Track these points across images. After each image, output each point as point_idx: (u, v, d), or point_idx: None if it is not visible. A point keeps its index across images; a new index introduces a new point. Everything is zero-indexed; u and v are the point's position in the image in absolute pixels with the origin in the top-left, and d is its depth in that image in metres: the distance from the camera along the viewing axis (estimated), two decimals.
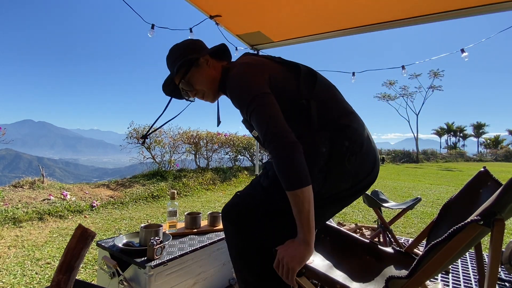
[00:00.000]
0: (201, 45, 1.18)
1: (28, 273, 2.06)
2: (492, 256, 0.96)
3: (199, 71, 1.13)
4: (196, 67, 1.12)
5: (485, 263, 1.31)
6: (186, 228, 1.76)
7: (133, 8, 2.31)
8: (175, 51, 1.16)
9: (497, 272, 0.96)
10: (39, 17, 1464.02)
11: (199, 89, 1.15)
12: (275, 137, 0.86)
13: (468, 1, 1.94)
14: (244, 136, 8.56)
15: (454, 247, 0.92)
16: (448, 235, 0.93)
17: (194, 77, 1.13)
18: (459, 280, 1.78)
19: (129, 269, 1.34)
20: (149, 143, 6.40)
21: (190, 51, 1.14)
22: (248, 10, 2.23)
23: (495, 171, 13.54)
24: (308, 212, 0.84)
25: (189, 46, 1.16)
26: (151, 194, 4.98)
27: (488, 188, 1.26)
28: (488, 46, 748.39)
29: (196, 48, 1.16)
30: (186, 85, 1.14)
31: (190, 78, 1.14)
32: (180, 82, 1.14)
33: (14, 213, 3.31)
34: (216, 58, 1.17)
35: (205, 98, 1.19)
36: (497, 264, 0.95)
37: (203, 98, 1.19)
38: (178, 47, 1.16)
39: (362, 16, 2.27)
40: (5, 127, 4.61)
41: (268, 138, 0.87)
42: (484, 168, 1.32)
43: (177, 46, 1.17)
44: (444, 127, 49.88)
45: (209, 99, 1.19)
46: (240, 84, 0.98)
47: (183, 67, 1.12)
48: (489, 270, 0.95)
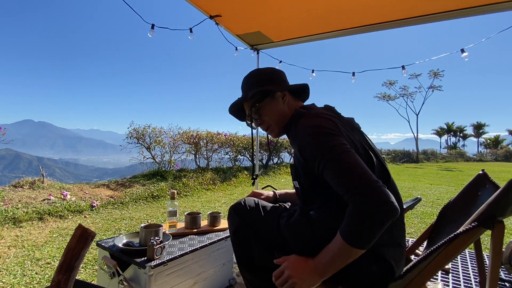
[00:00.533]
0: (283, 79, 1.16)
1: (28, 273, 2.06)
2: (493, 257, 0.97)
3: (272, 103, 1.10)
4: (271, 99, 1.10)
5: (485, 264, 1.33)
6: (186, 228, 1.76)
7: (133, 8, 2.30)
8: (255, 76, 1.15)
9: (498, 273, 0.97)
10: (39, 17, 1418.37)
11: (266, 120, 1.13)
12: (370, 190, 0.75)
13: (468, 1, 1.94)
14: (244, 136, 8.56)
15: (454, 249, 0.93)
16: (449, 239, 0.93)
17: (265, 108, 1.11)
18: (459, 280, 1.78)
19: (129, 269, 1.34)
20: (149, 143, 6.40)
21: (270, 81, 1.13)
22: (248, 10, 2.23)
23: (495, 171, 13.48)
24: (342, 263, 0.82)
25: (272, 76, 1.14)
26: (151, 194, 4.98)
27: (486, 190, 1.27)
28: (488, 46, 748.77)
29: (277, 80, 1.14)
30: (255, 113, 1.12)
31: (261, 108, 1.11)
32: (251, 108, 1.12)
33: (14, 213, 3.31)
34: (293, 95, 1.15)
35: (268, 131, 1.16)
36: (498, 265, 0.96)
37: (266, 130, 1.16)
38: (260, 73, 1.15)
39: (362, 16, 2.27)
40: (5, 127, 4.61)
41: (360, 189, 0.75)
42: (482, 171, 1.34)
43: (260, 71, 1.17)
44: (444, 127, 49.86)
45: (273, 133, 1.16)
46: (317, 131, 0.89)
47: (259, 95, 1.10)
48: (490, 271, 0.96)
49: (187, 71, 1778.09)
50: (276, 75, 1.16)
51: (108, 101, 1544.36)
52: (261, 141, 9.09)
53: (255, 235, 1.09)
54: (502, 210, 0.93)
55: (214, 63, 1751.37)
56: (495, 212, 0.93)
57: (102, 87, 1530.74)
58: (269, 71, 1.16)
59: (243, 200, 1.19)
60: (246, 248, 1.11)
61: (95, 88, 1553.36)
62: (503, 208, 0.93)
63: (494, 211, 0.93)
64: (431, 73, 31.19)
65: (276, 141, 9.72)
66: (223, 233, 1.75)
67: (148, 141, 6.39)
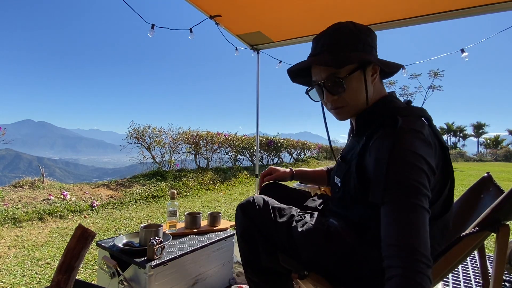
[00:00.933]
0: (375, 46, 0.91)
1: (28, 273, 2.06)
2: (498, 260, 0.96)
3: (361, 79, 0.86)
4: (361, 72, 0.86)
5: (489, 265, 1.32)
6: (186, 228, 1.76)
7: (133, 8, 2.30)
8: (353, 33, 0.87)
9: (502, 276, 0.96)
10: (39, 18, 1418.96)
11: (345, 98, 0.88)
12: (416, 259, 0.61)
13: (468, 1, 1.94)
14: (244, 136, 8.57)
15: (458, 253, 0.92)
16: (452, 242, 0.93)
17: (352, 82, 0.86)
18: (459, 280, 1.78)
19: (129, 269, 1.34)
20: (149, 143, 6.40)
21: (369, 47, 0.88)
22: (248, 10, 2.23)
23: (495, 171, 13.47)
24: None
25: (370, 40, 0.89)
26: (151, 194, 4.97)
27: (490, 193, 1.26)
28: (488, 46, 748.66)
29: (374, 46, 0.90)
30: (339, 85, 0.86)
31: (348, 81, 0.86)
32: (335, 78, 0.85)
33: (14, 213, 3.31)
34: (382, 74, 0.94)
35: (336, 111, 0.92)
36: (502, 268, 0.95)
37: (335, 109, 0.92)
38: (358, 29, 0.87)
39: (362, 16, 2.27)
40: (5, 127, 4.61)
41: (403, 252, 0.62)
42: (487, 174, 1.33)
43: (356, 26, 0.88)
44: (444, 127, 49.88)
45: (341, 116, 0.93)
46: (412, 159, 0.70)
47: (355, 63, 0.85)
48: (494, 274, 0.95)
49: (187, 71, 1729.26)
50: (374, 38, 0.90)
51: (108, 101, 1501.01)
52: (261, 141, 9.09)
53: (263, 237, 1.02)
54: (506, 214, 0.93)
55: (214, 63, 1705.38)
56: (500, 216, 0.92)
57: (102, 87, 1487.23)
58: (367, 29, 0.89)
59: (252, 198, 1.09)
60: (254, 250, 1.05)
61: (95, 88, 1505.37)
62: (507, 213, 0.93)
63: (498, 215, 0.92)
64: (431, 73, 31.17)
65: (276, 141, 9.73)
66: (223, 233, 1.75)
67: (148, 141, 6.39)
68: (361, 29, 0.88)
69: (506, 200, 0.92)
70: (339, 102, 0.90)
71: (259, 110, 3.02)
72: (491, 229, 0.92)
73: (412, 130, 0.75)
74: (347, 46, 0.86)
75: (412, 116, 0.80)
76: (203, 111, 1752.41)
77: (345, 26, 0.88)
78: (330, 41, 0.88)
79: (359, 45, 0.86)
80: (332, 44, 0.87)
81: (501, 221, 0.93)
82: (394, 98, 0.92)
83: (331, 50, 0.87)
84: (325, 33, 0.91)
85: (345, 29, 0.88)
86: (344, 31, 0.87)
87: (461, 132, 49.53)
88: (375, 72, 0.89)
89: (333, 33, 0.89)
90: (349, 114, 0.92)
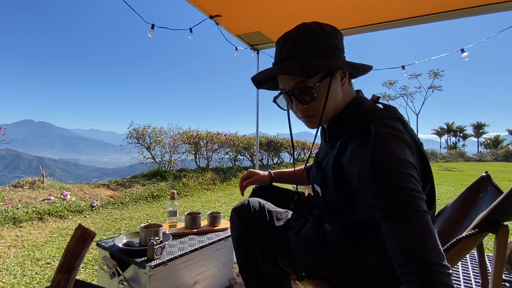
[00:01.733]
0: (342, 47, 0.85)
1: (28, 273, 2.06)
2: (497, 261, 0.95)
3: (333, 85, 0.83)
4: (331, 78, 0.82)
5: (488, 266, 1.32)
6: (186, 228, 1.76)
7: (133, 8, 2.31)
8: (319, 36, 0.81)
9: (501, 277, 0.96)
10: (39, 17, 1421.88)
11: (315, 107, 0.85)
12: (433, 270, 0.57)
13: (468, 1, 1.94)
14: (244, 136, 8.57)
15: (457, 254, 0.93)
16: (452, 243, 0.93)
17: (322, 90, 0.82)
18: (459, 280, 1.78)
19: (129, 269, 1.34)
20: (149, 143, 6.40)
21: (337, 51, 0.82)
22: (248, 10, 2.23)
23: (495, 171, 13.46)
24: None
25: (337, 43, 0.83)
26: (151, 194, 4.98)
27: (488, 193, 1.26)
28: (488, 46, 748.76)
29: (341, 48, 0.84)
30: (308, 95, 0.82)
31: (317, 89, 0.82)
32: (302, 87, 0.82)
33: (14, 213, 3.31)
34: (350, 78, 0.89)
35: (307, 119, 0.89)
36: (501, 269, 0.95)
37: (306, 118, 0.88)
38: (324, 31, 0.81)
39: (362, 16, 2.27)
40: (5, 127, 4.61)
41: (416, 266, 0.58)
42: (486, 173, 1.32)
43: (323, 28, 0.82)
44: (444, 127, 49.89)
45: (312, 125, 0.89)
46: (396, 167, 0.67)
47: (325, 70, 0.80)
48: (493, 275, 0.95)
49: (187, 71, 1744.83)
50: (340, 40, 0.85)
51: (108, 101, 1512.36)
52: (261, 141, 9.09)
53: (259, 241, 1.00)
54: (505, 215, 0.92)
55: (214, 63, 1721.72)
56: (498, 217, 0.92)
57: (102, 87, 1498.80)
58: (333, 29, 0.84)
59: (247, 201, 1.05)
60: (251, 255, 1.02)
61: (95, 88, 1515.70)
62: (506, 213, 0.92)
63: (497, 216, 0.92)
64: (431, 73, 31.23)
65: (276, 141, 9.72)
66: (223, 233, 1.75)
67: (148, 141, 6.39)
68: (328, 31, 0.82)
69: (505, 200, 0.92)
70: (310, 111, 0.86)
71: (259, 110, 3.02)
72: (490, 230, 0.92)
73: (387, 135, 0.72)
74: (315, 51, 0.80)
75: (385, 119, 0.77)
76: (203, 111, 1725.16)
77: (311, 28, 0.82)
78: (297, 46, 0.82)
79: (328, 50, 0.81)
80: (299, 50, 0.81)
81: (501, 222, 0.93)
82: (362, 99, 0.90)
83: (297, 56, 0.81)
84: (289, 37, 0.84)
85: (311, 32, 0.81)
86: (310, 35, 0.81)
87: (461, 132, 49.53)
88: (344, 76, 0.86)
89: (298, 37, 0.82)
90: (321, 122, 0.88)
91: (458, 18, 2.13)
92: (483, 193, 1.28)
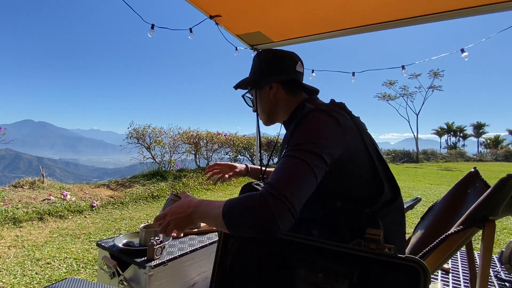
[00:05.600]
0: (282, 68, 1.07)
1: (28, 273, 2.06)
2: (484, 255, 0.98)
3: (260, 94, 1.10)
4: (258, 90, 1.10)
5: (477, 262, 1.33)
6: None
7: (133, 8, 2.31)
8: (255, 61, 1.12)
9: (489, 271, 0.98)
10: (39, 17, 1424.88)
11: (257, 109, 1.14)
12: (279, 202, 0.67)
13: (468, 1, 1.94)
14: (244, 136, 8.57)
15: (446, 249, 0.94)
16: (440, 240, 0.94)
17: (254, 97, 1.13)
18: (459, 280, 1.78)
19: (129, 269, 1.34)
20: (149, 143, 6.40)
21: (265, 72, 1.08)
22: (248, 10, 2.23)
23: (495, 171, 13.42)
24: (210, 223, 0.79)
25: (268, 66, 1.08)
26: (151, 194, 4.98)
27: (476, 188, 1.28)
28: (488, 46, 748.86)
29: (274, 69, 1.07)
30: (247, 102, 1.19)
31: (253, 96, 1.13)
32: (243, 96, 1.18)
33: (14, 213, 3.31)
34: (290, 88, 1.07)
35: (259, 117, 1.16)
36: (488, 264, 0.98)
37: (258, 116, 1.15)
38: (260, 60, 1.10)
39: (362, 16, 2.28)
40: (5, 127, 4.61)
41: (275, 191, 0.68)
42: (474, 169, 1.34)
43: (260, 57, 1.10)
44: (444, 127, 49.88)
45: (262, 121, 1.17)
46: (319, 129, 0.82)
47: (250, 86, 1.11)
48: (480, 269, 0.97)
49: (187, 71, 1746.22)
50: (277, 62, 1.07)
51: (108, 101, 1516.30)
52: (261, 141, 9.09)
53: None
54: (492, 210, 0.94)
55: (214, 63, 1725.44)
56: (485, 212, 0.94)
57: (102, 87, 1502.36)
58: (269, 58, 1.08)
59: None
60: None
61: (95, 88, 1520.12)
62: (493, 208, 0.94)
63: (484, 211, 0.94)
64: (431, 73, 31.21)
65: (276, 141, 9.72)
66: None
67: (148, 141, 6.39)
68: (262, 58, 1.09)
69: (491, 196, 0.94)
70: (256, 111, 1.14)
71: None
72: (477, 225, 0.94)
73: (315, 111, 0.87)
74: (250, 72, 1.13)
75: (321, 105, 0.92)
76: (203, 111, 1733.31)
77: (255, 55, 1.13)
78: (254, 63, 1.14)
79: (257, 71, 1.09)
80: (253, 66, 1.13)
81: (487, 217, 0.94)
82: (307, 101, 1.03)
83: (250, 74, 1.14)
84: None
85: (254, 58, 1.13)
86: (253, 60, 1.13)
87: (461, 132, 49.51)
88: (276, 90, 1.06)
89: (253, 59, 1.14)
90: (266, 123, 1.15)
91: (458, 18, 2.13)
92: (471, 189, 1.30)
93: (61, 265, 2.21)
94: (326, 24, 2.45)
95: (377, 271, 0.69)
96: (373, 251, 0.69)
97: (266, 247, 0.85)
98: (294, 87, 1.08)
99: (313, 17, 2.31)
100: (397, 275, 0.66)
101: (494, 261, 2.05)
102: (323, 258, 0.77)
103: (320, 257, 0.77)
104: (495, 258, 2.09)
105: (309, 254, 0.79)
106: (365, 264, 0.71)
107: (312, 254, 0.79)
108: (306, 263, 0.79)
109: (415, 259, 0.64)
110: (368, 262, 0.70)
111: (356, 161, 0.86)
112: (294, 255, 0.81)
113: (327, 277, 0.75)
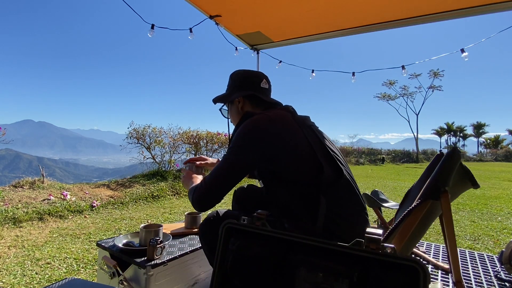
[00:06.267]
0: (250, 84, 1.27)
1: (28, 273, 2.06)
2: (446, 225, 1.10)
3: (231, 107, 1.33)
4: (230, 103, 1.33)
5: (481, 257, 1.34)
6: (186, 228, 1.76)
7: (133, 8, 2.30)
8: (230, 80, 1.33)
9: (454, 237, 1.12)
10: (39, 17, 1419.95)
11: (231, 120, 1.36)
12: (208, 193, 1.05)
13: (468, 1, 1.94)
14: None
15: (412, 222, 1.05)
16: (404, 215, 1.05)
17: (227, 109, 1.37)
18: None
19: (129, 269, 1.34)
20: (149, 143, 6.40)
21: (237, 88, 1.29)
22: (248, 10, 2.24)
23: (495, 171, 13.42)
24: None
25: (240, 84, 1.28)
26: (151, 194, 4.98)
27: None
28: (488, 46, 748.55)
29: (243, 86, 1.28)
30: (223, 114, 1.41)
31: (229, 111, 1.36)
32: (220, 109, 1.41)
33: (14, 213, 3.31)
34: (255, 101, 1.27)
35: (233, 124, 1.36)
36: (452, 232, 1.10)
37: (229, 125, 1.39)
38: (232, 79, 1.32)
39: (362, 16, 2.28)
40: (5, 127, 4.61)
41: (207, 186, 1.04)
42: (440, 151, 1.44)
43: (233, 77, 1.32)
44: (444, 127, 49.86)
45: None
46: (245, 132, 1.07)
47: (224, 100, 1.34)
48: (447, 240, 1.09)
49: (187, 71, 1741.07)
50: (243, 81, 1.28)
51: (108, 101, 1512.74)
52: None
53: None
54: (444, 180, 1.04)
55: (214, 63, 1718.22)
56: (439, 183, 1.03)
57: (102, 87, 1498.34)
58: (238, 77, 1.30)
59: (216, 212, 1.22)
60: None
61: (95, 88, 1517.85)
62: (445, 179, 1.04)
63: (437, 182, 1.03)
64: (431, 73, 31.22)
65: None
66: None
67: (148, 141, 6.39)
68: (233, 77, 1.32)
69: (442, 168, 1.04)
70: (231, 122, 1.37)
71: None
72: (433, 197, 1.03)
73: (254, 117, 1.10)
74: (226, 89, 1.34)
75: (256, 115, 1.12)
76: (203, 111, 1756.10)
77: (230, 75, 1.35)
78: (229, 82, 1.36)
79: (229, 88, 1.32)
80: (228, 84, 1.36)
81: (441, 189, 1.03)
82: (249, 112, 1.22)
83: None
84: None
85: (229, 77, 1.35)
86: (228, 79, 1.35)
87: (461, 132, 49.48)
88: (242, 103, 1.27)
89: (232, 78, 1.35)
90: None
91: (458, 18, 2.13)
92: None
93: (61, 265, 2.21)
94: (326, 24, 2.45)
95: (377, 271, 0.69)
96: (373, 251, 0.69)
97: (267, 247, 0.86)
98: (258, 101, 1.27)
99: (313, 17, 2.31)
100: (397, 275, 0.66)
101: (494, 261, 2.05)
102: (323, 258, 0.77)
103: (320, 257, 0.78)
104: (495, 258, 2.09)
105: (309, 254, 0.79)
106: (365, 264, 0.71)
107: (313, 254, 0.79)
108: (306, 263, 0.80)
109: (414, 259, 0.64)
110: (368, 262, 0.70)
111: (292, 152, 1.03)
112: (294, 255, 0.81)
113: (327, 277, 0.75)
